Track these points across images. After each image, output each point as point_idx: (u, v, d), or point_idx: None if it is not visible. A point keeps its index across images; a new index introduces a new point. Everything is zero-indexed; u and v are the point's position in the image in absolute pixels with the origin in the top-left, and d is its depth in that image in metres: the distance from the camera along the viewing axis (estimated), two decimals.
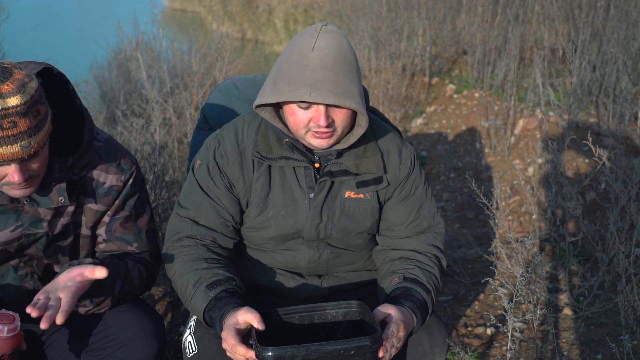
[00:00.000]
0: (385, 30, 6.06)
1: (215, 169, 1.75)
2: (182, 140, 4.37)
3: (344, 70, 1.57)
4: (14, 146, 1.41)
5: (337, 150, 1.70)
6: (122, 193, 1.74)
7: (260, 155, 1.71)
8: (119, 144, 1.79)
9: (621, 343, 2.30)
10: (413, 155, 1.83)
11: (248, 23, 13.86)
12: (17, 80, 1.41)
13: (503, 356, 2.45)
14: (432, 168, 4.71)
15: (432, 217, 1.84)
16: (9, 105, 1.39)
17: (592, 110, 4.36)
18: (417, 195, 1.82)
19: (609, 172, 2.72)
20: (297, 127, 1.63)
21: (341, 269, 1.85)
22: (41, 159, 1.51)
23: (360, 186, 1.75)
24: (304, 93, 1.54)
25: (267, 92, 1.63)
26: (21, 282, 1.68)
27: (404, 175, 1.80)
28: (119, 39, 6.34)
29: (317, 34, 1.59)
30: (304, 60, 1.56)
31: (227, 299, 1.60)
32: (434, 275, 1.76)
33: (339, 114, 1.60)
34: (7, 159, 1.42)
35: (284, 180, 1.74)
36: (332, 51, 1.56)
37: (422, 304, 1.67)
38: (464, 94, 5.43)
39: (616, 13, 4.84)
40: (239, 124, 1.79)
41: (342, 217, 1.76)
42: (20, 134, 1.41)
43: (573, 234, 3.10)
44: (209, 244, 1.74)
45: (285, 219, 1.75)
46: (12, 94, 1.39)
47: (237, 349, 1.46)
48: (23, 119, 1.41)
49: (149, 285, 1.83)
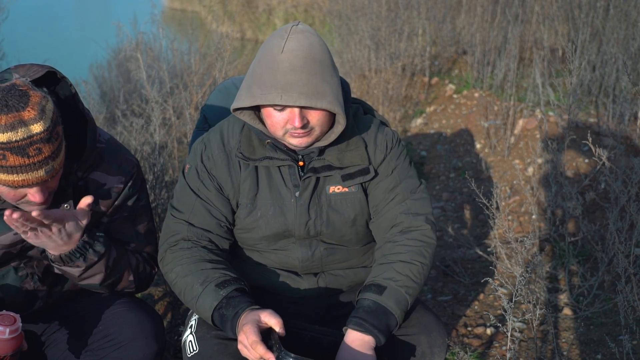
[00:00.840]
0: (385, 30, 6.06)
1: (204, 171, 1.76)
2: (182, 140, 4.37)
3: (315, 70, 1.57)
4: (40, 171, 1.43)
5: (318, 147, 1.70)
6: (122, 194, 1.74)
7: (244, 156, 1.72)
8: (121, 145, 1.79)
9: (621, 343, 2.30)
10: (390, 138, 1.80)
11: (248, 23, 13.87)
12: (36, 104, 1.42)
13: (503, 356, 2.45)
14: (432, 168, 4.71)
15: (411, 191, 1.79)
16: (34, 133, 1.40)
17: (591, 110, 4.36)
18: (394, 175, 1.79)
19: (608, 172, 2.72)
20: (274, 128, 1.64)
21: (337, 266, 1.85)
22: (58, 176, 1.53)
23: (346, 179, 1.74)
24: (275, 96, 1.55)
25: (243, 95, 1.65)
26: (21, 282, 1.69)
27: (380, 159, 1.79)
28: (119, 39, 6.35)
29: (287, 35, 1.59)
30: (274, 63, 1.57)
31: (240, 297, 1.60)
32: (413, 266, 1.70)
33: (313, 114, 1.61)
34: (32, 183, 1.44)
35: (271, 180, 1.75)
36: (302, 52, 1.57)
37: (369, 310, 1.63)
38: (464, 94, 5.43)
39: (616, 13, 4.84)
40: (224, 126, 1.80)
41: (330, 212, 1.76)
42: (45, 159, 1.43)
43: (573, 234, 3.10)
44: (207, 245, 1.74)
45: (273, 218, 1.75)
46: (35, 121, 1.40)
47: (257, 346, 1.46)
48: (47, 144, 1.43)
49: (146, 281, 1.83)
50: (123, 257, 1.70)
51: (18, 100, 1.40)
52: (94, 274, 1.65)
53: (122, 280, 1.73)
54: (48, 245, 1.54)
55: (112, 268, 1.67)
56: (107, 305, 1.74)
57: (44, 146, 1.42)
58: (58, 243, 1.53)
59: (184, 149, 4.32)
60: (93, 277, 1.65)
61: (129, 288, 1.77)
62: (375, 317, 1.61)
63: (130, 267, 1.73)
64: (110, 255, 1.65)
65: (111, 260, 1.66)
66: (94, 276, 1.65)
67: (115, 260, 1.67)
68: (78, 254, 1.58)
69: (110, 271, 1.67)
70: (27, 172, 1.42)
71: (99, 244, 1.61)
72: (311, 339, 1.61)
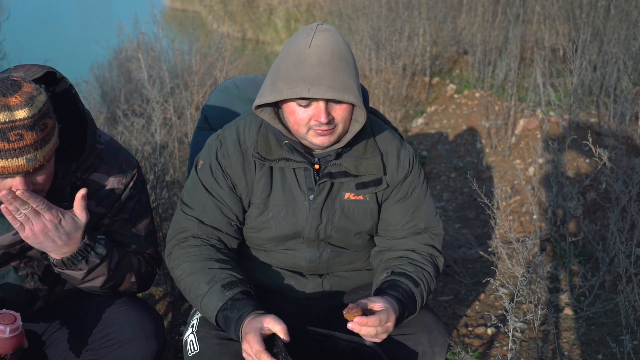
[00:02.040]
0: (386, 30, 6.06)
1: (218, 169, 1.75)
2: (183, 140, 4.37)
3: (341, 66, 1.58)
4: (20, 159, 1.41)
5: (335, 150, 1.70)
6: (123, 195, 1.74)
7: (260, 156, 1.72)
8: (121, 146, 1.79)
9: (622, 343, 2.30)
10: (412, 156, 1.83)
11: (249, 23, 13.87)
12: (25, 93, 1.41)
13: (504, 356, 2.45)
14: (433, 168, 4.71)
15: (430, 219, 1.84)
16: (16, 118, 1.39)
17: (592, 110, 4.36)
18: (414, 197, 1.82)
19: (609, 172, 2.71)
20: (297, 126, 1.63)
21: (342, 268, 1.85)
22: (47, 173, 1.51)
23: (359, 187, 1.75)
24: (302, 89, 1.55)
25: (266, 92, 1.64)
26: (21, 282, 1.69)
27: (402, 177, 1.80)
28: (120, 39, 6.34)
29: (314, 32, 1.60)
30: (301, 58, 1.57)
31: (245, 300, 1.60)
32: (426, 272, 1.76)
33: (338, 110, 1.61)
34: (12, 171, 1.42)
35: (285, 182, 1.74)
36: (329, 48, 1.58)
37: (408, 294, 1.67)
38: (465, 94, 5.43)
39: (617, 13, 4.84)
40: (240, 124, 1.79)
41: (342, 218, 1.76)
42: (27, 147, 1.41)
43: (574, 234, 3.10)
44: (216, 244, 1.74)
45: (285, 220, 1.75)
46: (20, 107, 1.39)
47: (262, 355, 1.45)
48: (30, 132, 1.40)
49: (148, 282, 1.83)
50: (125, 259, 1.70)
51: (8, 88, 1.40)
52: (96, 277, 1.65)
53: (124, 282, 1.73)
54: (48, 246, 1.53)
55: (114, 270, 1.67)
56: (107, 305, 1.73)
57: (27, 133, 1.40)
58: (58, 244, 1.52)
59: (185, 149, 4.32)
60: (95, 280, 1.65)
61: (131, 289, 1.77)
62: (410, 303, 1.68)
63: (132, 269, 1.73)
64: (112, 258, 1.65)
65: (113, 262, 1.66)
66: (96, 279, 1.65)
67: (117, 263, 1.67)
68: (80, 256, 1.57)
69: (112, 273, 1.67)
70: (6, 157, 1.39)
71: (101, 247, 1.61)
72: (313, 341, 1.60)
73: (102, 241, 1.61)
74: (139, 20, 5.76)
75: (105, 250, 1.61)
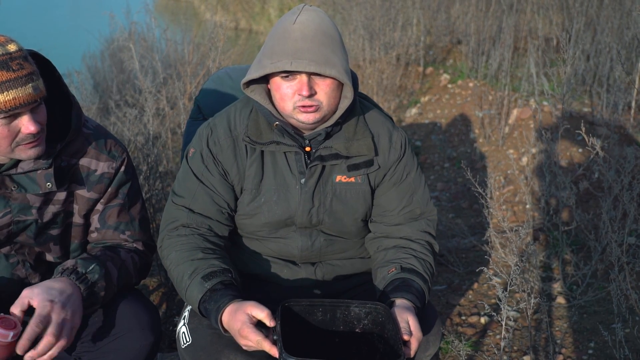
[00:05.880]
0: (379, 19, 6.04)
1: (209, 156, 1.75)
2: (176, 130, 4.36)
3: (325, 41, 1.59)
4: (27, 87, 1.45)
5: (325, 130, 1.70)
6: (115, 180, 1.73)
7: (251, 140, 1.72)
8: (109, 132, 1.79)
9: (614, 331, 2.32)
10: (404, 139, 1.82)
11: (242, 12, 13.80)
12: (10, 39, 1.47)
13: (497, 345, 2.46)
14: (427, 158, 4.71)
15: (425, 204, 1.84)
16: (11, 50, 1.45)
17: (585, 99, 4.37)
18: (409, 180, 1.82)
19: (602, 161, 2.72)
20: (283, 102, 1.64)
21: (334, 256, 1.85)
22: (44, 110, 1.54)
23: (351, 169, 1.75)
24: (285, 63, 1.57)
25: (253, 69, 1.66)
26: (13, 270, 1.68)
27: (394, 159, 1.79)
28: (112, 29, 6.29)
29: (300, 11, 1.63)
30: (285, 34, 1.60)
31: (223, 290, 1.59)
32: (429, 264, 1.77)
33: (322, 85, 1.61)
34: (23, 102, 1.45)
35: (276, 166, 1.74)
36: (313, 24, 1.60)
37: (420, 294, 1.68)
38: (459, 84, 5.43)
39: (610, 2, 4.84)
40: (231, 111, 1.79)
41: (334, 201, 1.76)
42: (30, 74, 1.46)
43: (566, 223, 3.11)
44: (205, 233, 1.73)
45: (277, 204, 1.75)
46: (8, 42, 1.46)
47: (263, 344, 1.44)
48: (26, 62, 1.46)
49: (144, 273, 1.83)
50: (122, 271, 1.69)
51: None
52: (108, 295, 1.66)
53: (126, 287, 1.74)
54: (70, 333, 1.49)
55: (116, 286, 1.68)
56: None
57: (24, 63, 1.45)
58: (73, 334, 1.49)
59: (178, 139, 4.31)
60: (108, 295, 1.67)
61: (129, 284, 1.77)
62: (422, 304, 1.68)
63: (131, 275, 1.73)
64: (112, 276, 1.65)
65: (114, 278, 1.66)
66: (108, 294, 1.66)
67: (119, 278, 1.68)
68: (90, 304, 1.58)
69: (117, 287, 1.68)
70: (15, 87, 1.43)
71: (98, 278, 1.60)
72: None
73: (95, 274, 1.59)
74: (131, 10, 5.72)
75: (103, 280, 1.61)
